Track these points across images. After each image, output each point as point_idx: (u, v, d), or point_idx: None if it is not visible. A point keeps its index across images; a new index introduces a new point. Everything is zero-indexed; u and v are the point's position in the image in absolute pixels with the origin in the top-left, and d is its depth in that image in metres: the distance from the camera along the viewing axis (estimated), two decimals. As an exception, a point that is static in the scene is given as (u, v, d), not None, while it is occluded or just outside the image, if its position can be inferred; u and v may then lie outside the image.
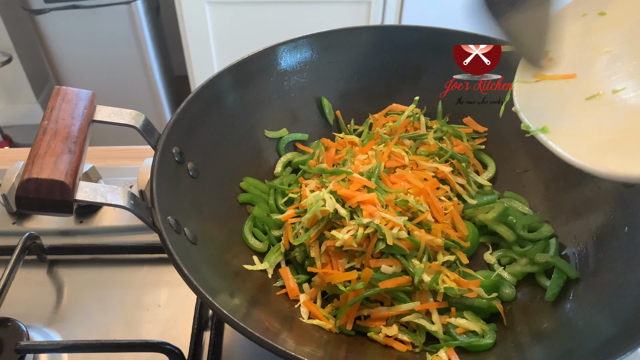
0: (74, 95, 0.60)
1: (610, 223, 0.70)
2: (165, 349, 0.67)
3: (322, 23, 2.23)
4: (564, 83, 0.62)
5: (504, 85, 0.81)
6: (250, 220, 0.79)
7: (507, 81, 0.81)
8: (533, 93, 0.63)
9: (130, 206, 0.55)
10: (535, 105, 0.62)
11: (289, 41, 0.85)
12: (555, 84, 0.62)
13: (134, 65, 2.50)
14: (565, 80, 0.62)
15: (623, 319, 0.57)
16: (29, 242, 0.82)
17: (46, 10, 2.26)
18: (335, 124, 0.94)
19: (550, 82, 0.63)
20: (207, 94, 0.75)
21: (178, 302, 0.81)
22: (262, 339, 0.50)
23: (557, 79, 0.62)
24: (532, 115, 0.61)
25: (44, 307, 0.81)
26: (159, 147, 0.64)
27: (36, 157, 0.53)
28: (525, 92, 0.64)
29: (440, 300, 0.67)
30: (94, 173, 0.94)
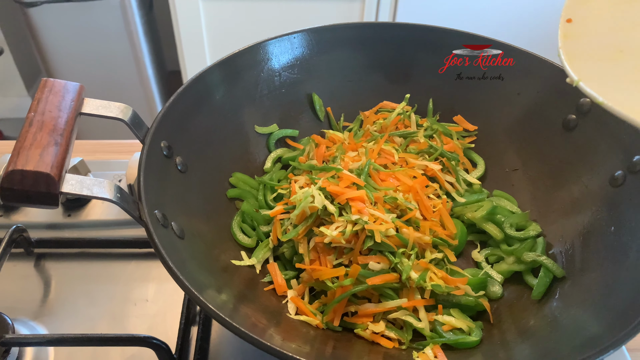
0: (61, 88, 0.60)
1: (597, 222, 0.70)
2: (153, 343, 0.67)
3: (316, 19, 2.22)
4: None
5: (505, 61, 0.80)
6: (238, 216, 0.79)
7: (507, 56, 0.80)
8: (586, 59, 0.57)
9: (116, 199, 0.55)
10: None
11: (279, 36, 0.85)
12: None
13: (126, 59, 2.49)
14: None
15: (608, 317, 0.57)
16: (16, 235, 0.81)
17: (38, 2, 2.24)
18: (326, 121, 0.94)
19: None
20: (196, 89, 0.75)
21: (166, 297, 0.81)
22: (249, 335, 0.49)
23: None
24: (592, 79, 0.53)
25: (31, 301, 0.80)
26: (147, 140, 0.64)
27: (21, 148, 0.52)
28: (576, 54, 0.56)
29: (428, 297, 0.67)
30: (83, 167, 0.93)
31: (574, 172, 0.77)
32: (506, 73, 0.85)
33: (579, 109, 0.76)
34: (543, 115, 0.82)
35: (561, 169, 0.79)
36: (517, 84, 0.84)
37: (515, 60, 0.84)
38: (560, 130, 0.79)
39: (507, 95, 0.86)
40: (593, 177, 0.73)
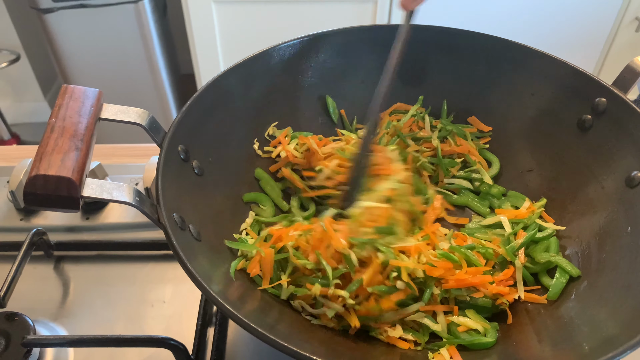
0: (81, 94, 0.61)
1: (613, 223, 0.70)
2: (170, 344, 0.68)
3: (328, 22, 2.23)
4: None
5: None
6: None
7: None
8: None
9: (135, 203, 0.56)
10: None
11: (293, 40, 0.85)
12: None
13: (140, 63, 2.51)
14: None
15: (625, 318, 0.57)
16: (36, 238, 0.83)
17: (54, 9, 2.27)
18: (339, 123, 0.94)
19: None
20: (212, 93, 0.76)
21: (182, 298, 0.82)
22: (266, 335, 0.50)
23: None
24: None
25: (51, 302, 0.82)
26: (165, 145, 0.65)
27: (44, 154, 0.53)
28: None
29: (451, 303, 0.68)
30: (101, 170, 0.95)
31: (589, 172, 0.76)
32: (520, 73, 0.85)
33: (594, 109, 0.76)
34: (558, 116, 0.81)
35: (576, 169, 0.78)
36: (531, 84, 0.84)
37: (529, 60, 0.83)
38: (575, 131, 0.79)
39: (522, 95, 0.86)
40: (609, 177, 0.73)
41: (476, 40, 0.87)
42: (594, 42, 2.42)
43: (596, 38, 2.40)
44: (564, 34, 2.35)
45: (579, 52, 2.43)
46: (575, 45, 2.40)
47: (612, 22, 2.34)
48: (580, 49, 2.43)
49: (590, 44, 2.43)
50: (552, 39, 2.37)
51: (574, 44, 2.39)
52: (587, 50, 2.45)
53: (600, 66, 2.52)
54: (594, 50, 2.46)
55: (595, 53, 2.47)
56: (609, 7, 2.29)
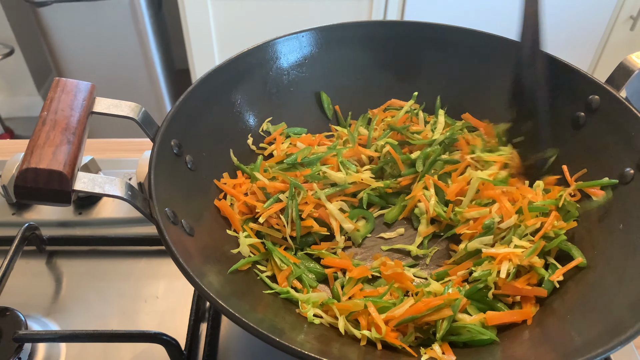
0: (73, 87, 0.61)
1: (606, 219, 0.70)
2: (162, 339, 0.67)
3: (324, 18, 2.23)
4: None
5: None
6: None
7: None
8: None
9: (127, 197, 0.56)
10: None
11: (288, 35, 0.85)
12: None
13: (135, 58, 2.50)
14: None
15: (614, 315, 0.57)
16: (29, 233, 0.83)
17: (48, 2, 2.25)
18: (334, 119, 0.94)
19: None
20: (206, 88, 0.75)
21: (175, 294, 0.82)
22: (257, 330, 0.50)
23: None
24: None
25: (43, 298, 0.81)
26: (158, 139, 0.64)
27: (35, 147, 0.53)
28: None
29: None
30: (94, 165, 0.94)
31: (582, 168, 0.76)
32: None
33: (587, 107, 0.76)
34: (551, 113, 0.81)
35: (570, 165, 0.79)
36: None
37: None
38: (569, 128, 0.79)
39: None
40: (602, 173, 0.73)
41: (470, 37, 0.87)
42: (589, 40, 2.43)
43: (591, 36, 2.41)
44: (559, 32, 2.35)
45: (574, 50, 2.44)
46: (570, 43, 2.40)
47: (607, 20, 2.34)
48: (576, 47, 2.43)
49: (585, 42, 2.43)
50: (547, 36, 2.38)
51: (569, 41, 2.40)
52: (582, 48, 2.45)
53: (595, 64, 2.52)
54: (589, 48, 2.46)
55: (590, 51, 2.47)
56: (604, 6, 2.29)
